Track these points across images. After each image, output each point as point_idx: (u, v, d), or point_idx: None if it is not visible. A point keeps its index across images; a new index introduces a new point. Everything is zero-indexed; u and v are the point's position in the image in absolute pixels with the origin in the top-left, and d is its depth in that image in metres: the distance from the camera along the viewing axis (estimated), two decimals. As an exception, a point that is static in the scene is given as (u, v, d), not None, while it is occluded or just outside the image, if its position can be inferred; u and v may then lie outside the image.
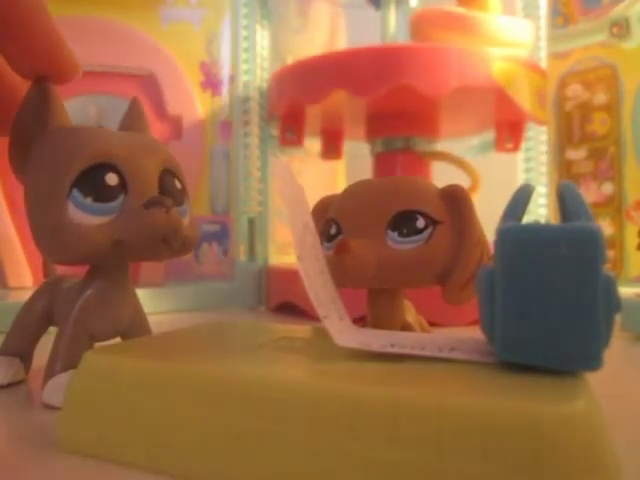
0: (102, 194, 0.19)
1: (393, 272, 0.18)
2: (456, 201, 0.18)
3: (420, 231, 0.18)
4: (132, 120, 0.24)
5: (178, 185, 0.22)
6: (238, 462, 0.14)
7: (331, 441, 0.13)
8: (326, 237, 0.20)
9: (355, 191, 0.20)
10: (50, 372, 0.20)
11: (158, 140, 0.22)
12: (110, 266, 0.21)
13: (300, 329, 0.21)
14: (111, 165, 0.19)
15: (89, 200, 0.19)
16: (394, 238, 0.18)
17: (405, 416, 0.12)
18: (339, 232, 0.19)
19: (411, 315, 0.22)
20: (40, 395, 0.20)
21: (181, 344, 0.19)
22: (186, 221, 0.21)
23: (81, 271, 0.22)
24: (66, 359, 0.20)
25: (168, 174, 0.21)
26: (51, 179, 0.19)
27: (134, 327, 0.23)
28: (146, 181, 0.20)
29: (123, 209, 0.19)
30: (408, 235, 0.18)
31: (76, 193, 0.19)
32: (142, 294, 0.23)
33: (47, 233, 0.19)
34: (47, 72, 0.21)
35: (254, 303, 0.54)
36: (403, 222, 0.18)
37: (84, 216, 0.19)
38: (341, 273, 0.18)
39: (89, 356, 0.17)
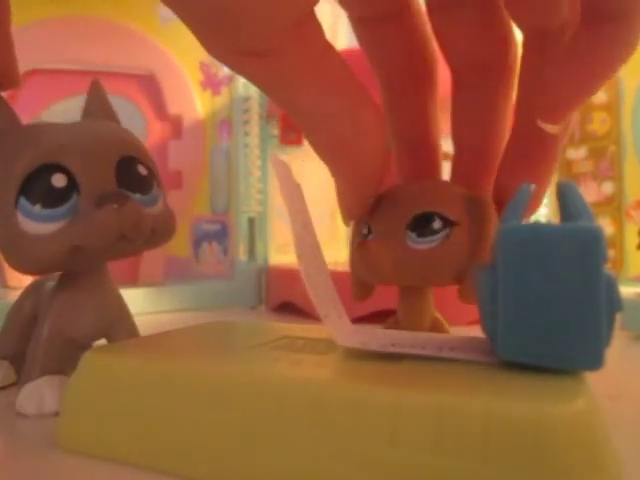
0: (50, 198, 0.18)
1: (409, 270, 0.19)
2: (478, 206, 0.19)
3: (436, 232, 0.19)
4: (93, 104, 0.22)
5: (143, 171, 0.20)
6: (238, 461, 0.14)
7: (331, 441, 0.13)
8: (361, 237, 0.20)
9: (385, 195, 0.20)
10: (26, 378, 0.20)
11: (114, 126, 0.20)
12: (82, 268, 0.20)
13: (300, 328, 0.21)
14: (57, 165, 0.18)
15: (38, 207, 0.18)
16: (412, 238, 0.19)
17: (405, 416, 0.12)
18: (369, 232, 0.20)
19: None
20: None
21: (181, 343, 0.19)
22: (157, 209, 0.20)
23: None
24: (43, 364, 0.20)
25: (127, 162, 0.19)
26: (1, 190, 0.18)
27: (118, 328, 0.22)
28: (99, 176, 0.18)
29: (77, 211, 0.18)
30: (425, 235, 0.19)
31: (23, 201, 0.18)
32: (142, 293, 0.23)
33: (3, 244, 0.18)
34: None
35: (254, 302, 0.54)
36: (421, 223, 0.19)
37: (35, 225, 0.18)
38: (363, 269, 0.20)
39: (88, 356, 0.17)
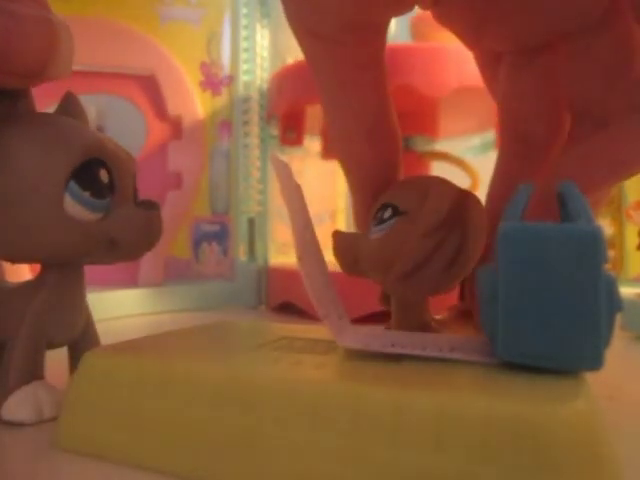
0: (98, 190, 0.19)
1: (366, 262, 0.19)
2: (426, 191, 0.18)
3: (384, 221, 0.18)
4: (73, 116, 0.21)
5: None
6: (238, 462, 0.14)
7: (331, 441, 0.13)
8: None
9: None
10: (10, 386, 0.18)
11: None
12: (65, 267, 0.20)
13: (300, 329, 0.21)
14: (102, 161, 0.19)
15: (87, 194, 0.19)
16: (372, 229, 0.19)
17: (405, 416, 0.12)
18: None
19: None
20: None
21: (181, 344, 0.19)
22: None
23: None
24: (26, 371, 0.19)
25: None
26: (42, 169, 0.18)
27: (85, 334, 0.22)
28: (128, 181, 0.20)
29: (111, 208, 0.19)
30: (378, 225, 0.19)
31: (74, 185, 0.18)
32: (142, 294, 0.23)
33: (34, 227, 0.18)
34: None
35: (254, 303, 0.54)
36: (378, 214, 0.19)
37: (82, 210, 0.19)
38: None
39: (89, 356, 0.17)
